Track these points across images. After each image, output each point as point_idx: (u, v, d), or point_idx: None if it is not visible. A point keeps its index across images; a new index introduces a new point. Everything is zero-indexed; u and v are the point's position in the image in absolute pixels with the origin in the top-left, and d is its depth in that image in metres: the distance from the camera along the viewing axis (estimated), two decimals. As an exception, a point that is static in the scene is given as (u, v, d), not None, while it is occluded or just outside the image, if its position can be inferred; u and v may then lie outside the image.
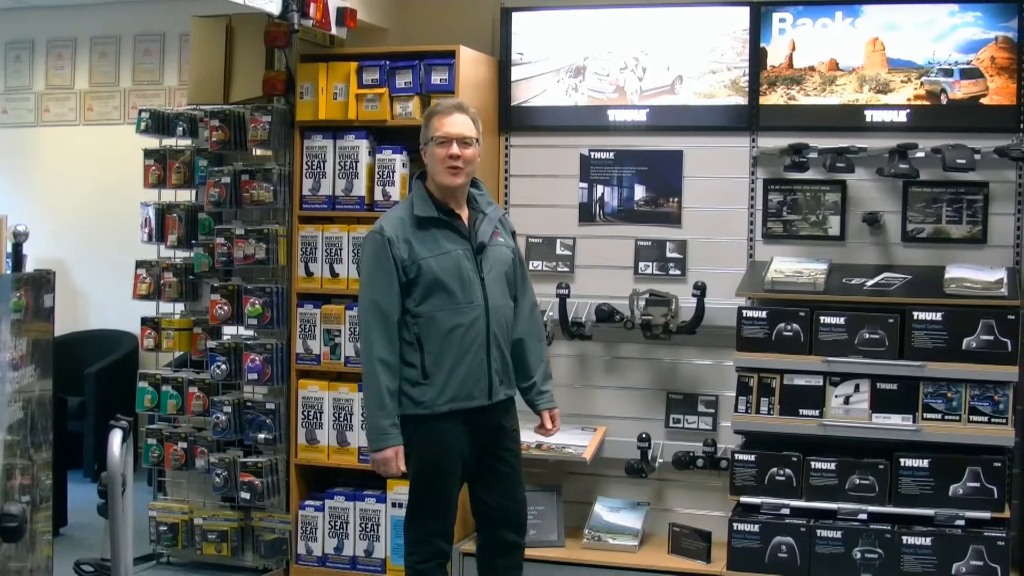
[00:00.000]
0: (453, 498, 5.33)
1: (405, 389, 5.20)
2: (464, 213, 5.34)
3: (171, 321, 7.28)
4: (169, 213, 7.25)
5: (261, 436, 6.88)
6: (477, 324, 5.21)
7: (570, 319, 6.78)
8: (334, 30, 6.73)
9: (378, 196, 6.82)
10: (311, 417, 6.94)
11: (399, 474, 5.22)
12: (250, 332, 7.08)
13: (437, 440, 5.23)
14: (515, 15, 7.13)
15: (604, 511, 6.83)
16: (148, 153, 7.36)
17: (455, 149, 5.21)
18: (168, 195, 7.40)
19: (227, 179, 6.94)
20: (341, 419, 6.89)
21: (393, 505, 6.80)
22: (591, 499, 6.84)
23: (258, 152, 7.13)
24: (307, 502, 7.01)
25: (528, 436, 6.85)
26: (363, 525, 6.87)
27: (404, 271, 5.17)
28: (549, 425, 5.60)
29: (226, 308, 6.92)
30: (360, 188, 6.84)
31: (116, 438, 4.72)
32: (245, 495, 6.86)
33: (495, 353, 5.28)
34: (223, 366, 6.92)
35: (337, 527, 6.92)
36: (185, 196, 7.40)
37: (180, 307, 7.40)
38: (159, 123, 7.34)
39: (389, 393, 5.15)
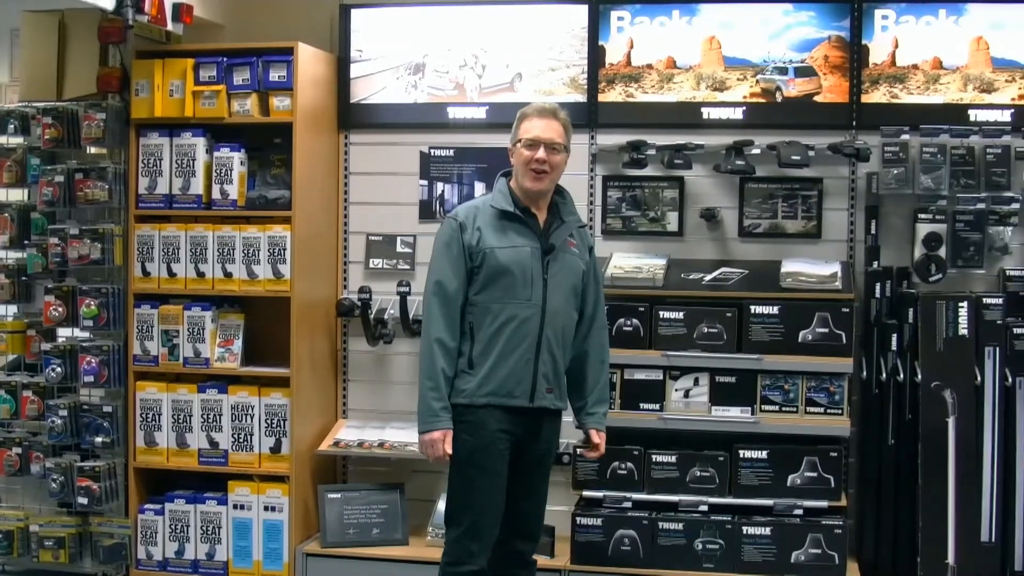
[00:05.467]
0: (490, 496, 5.18)
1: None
2: (542, 217, 5.29)
3: (4, 323, 7.12)
4: (1, 213, 7.08)
5: (98, 439, 6.76)
6: (530, 322, 5.14)
7: (411, 316, 6.77)
8: (170, 26, 6.62)
9: (216, 195, 6.74)
10: (150, 419, 6.83)
11: (445, 458, 5.13)
12: (86, 334, 6.94)
13: (475, 433, 5.14)
14: (354, 12, 7.09)
15: (448, 509, 6.83)
16: (-22, 151, 7.19)
17: (542, 153, 5.15)
18: (-1, 194, 7.24)
19: (61, 178, 6.79)
20: (180, 420, 6.79)
21: (235, 507, 6.73)
22: (435, 496, 6.80)
23: (92, 150, 6.99)
24: (147, 506, 6.89)
25: (370, 435, 6.84)
26: (204, 528, 6.78)
27: (470, 256, 5.16)
28: (596, 440, 5.46)
29: (61, 309, 6.79)
30: (197, 186, 6.75)
31: (-55, 444, 4.63)
32: (83, 500, 6.72)
33: (545, 357, 5.18)
34: (58, 369, 6.78)
35: (178, 531, 6.82)
36: (17, 195, 7.23)
37: (13, 309, 7.24)
38: (-10, 121, 7.18)
39: (444, 375, 5.11)
